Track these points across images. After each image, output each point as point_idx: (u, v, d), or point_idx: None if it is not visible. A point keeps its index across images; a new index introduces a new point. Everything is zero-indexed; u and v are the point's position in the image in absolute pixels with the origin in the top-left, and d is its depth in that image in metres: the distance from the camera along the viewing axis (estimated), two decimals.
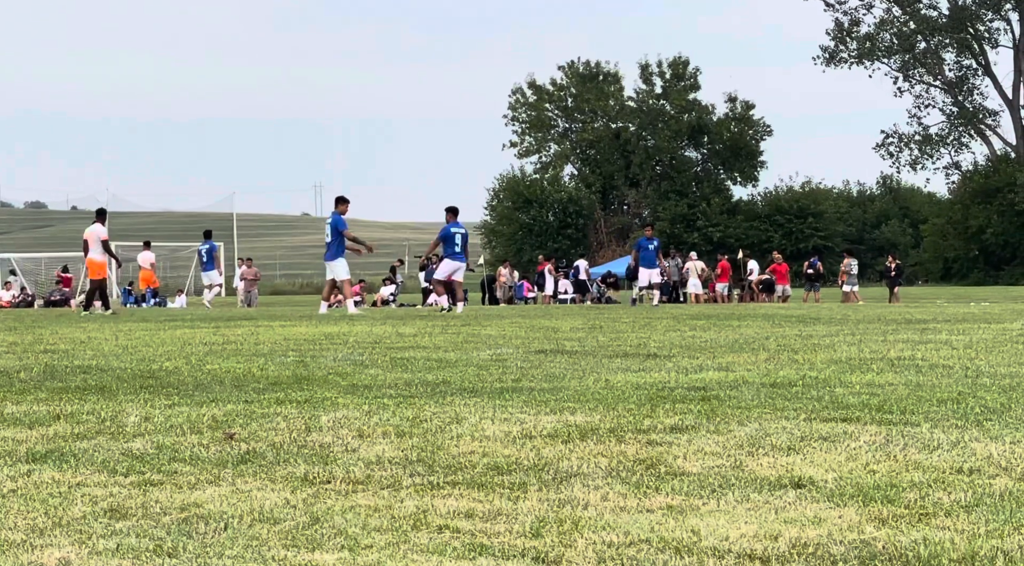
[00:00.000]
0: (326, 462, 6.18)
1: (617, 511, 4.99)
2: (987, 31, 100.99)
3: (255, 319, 25.85)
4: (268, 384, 10.29)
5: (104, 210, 34.57)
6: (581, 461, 6.12)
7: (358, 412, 8.09)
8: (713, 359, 12.75)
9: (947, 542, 4.39)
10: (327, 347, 15.31)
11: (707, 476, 5.70)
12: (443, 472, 5.88)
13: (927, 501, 5.11)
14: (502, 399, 8.87)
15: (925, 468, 5.86)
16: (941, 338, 16.36)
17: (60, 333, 19.78)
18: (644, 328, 19.89)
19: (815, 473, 5.73)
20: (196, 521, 4.84)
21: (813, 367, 11.56)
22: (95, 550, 4.40)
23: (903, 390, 9.34)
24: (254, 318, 26.72)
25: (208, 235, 44.30)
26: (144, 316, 30.49)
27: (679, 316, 26.37)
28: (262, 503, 5.17)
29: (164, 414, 8.13)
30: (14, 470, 6.02)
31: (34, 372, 11.81)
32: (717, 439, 6.79)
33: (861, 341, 15.69)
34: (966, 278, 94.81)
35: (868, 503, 5.07)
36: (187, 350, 14.95)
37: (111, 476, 5.84)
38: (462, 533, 4.62)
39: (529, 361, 12.66)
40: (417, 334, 18.25)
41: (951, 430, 7.09)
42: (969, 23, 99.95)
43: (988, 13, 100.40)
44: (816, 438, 6.79)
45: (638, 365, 12.06)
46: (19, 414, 8.23)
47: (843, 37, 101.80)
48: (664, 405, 8.37)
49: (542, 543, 4.45)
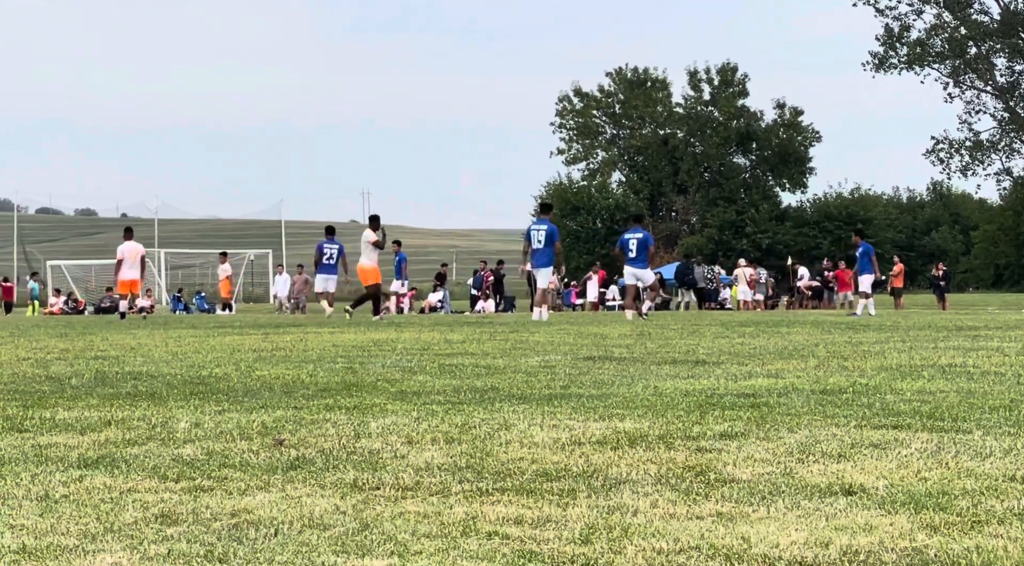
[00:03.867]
0: (375, 468, 6.18)
1: (667, 518, 4.98)
2: None
3: (304, 326, 25.94)
4: (317, 390, 10.32)
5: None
6: (630, 468, 6.11)
7: (407, 418, 8.11)
8: (762, 366, 12.71)
9: (1000, 550, 4.36)
10: (376, 354, 15.34)
11: (757, 483, 5.68)
12: (492, 478, 5.88)
13: (979, 509, 5.08)
14: (551, 405, 8.87)
15: (977, 475, 5.83)
16: (992, 345, 16.26)
17: (110, 339, 19.91)
18: (692, 335, 19.85)
19: (866, 480, 5.70)
20: (246, 527, 4.86)
21: (863, 374, 11.51)
22: (146, 555, 4.42)
23: (954, 397, 9.29)
24: (303, 325, 26.81)
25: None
26: (193, 323, 30.64)
27: (728, 323, 26.31)
28: (312, 509, 5.18)
29: (214, 420, 8.16)
30: (66, 475, 6.06)
31: (85, 378, 11.89)
32: (767, 446, 6.77)
33: (911, 348, 15.61)
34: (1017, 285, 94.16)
35: (920, 511, 5.04)
36: (236, 357, 15.01)
37: (162, 482, 5.87)
38: (511, 539, 4.62)
39: (577, 368, 12.65)
40: (465, 341, 18.27)
41: (1003, 437, 7.04)
42: (1021, 28, 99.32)
43: None
44: (867, 445, 6.76)
45: (687, 372, 12.03)
46: (71, 420, 8.28)
47: (893, 43, 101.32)
48: (713, 412, 8.35)
49: (591, 550, 4.44)
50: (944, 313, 38.35)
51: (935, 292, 50.92)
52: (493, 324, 26.60)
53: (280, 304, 55.78)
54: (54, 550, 4.51)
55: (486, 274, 56.13)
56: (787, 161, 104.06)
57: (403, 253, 42.79)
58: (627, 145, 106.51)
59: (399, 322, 29.65)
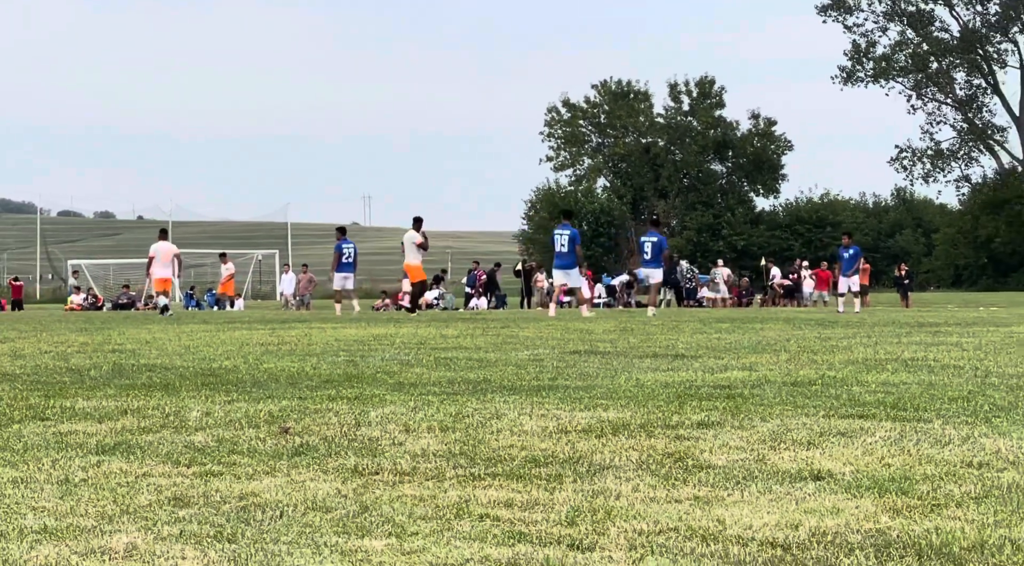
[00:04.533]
0: (375, 455, 6.18)
1: (647, 501, 4.98)
2: (996, 52, 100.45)
3: (308, 321, 25.91)
4: (320, 382, 10.31)
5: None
6: (613, 454, 6.12)
7: (404, 408, 8.10)
8: (737, 359, 12.71)
9: (958, 531, 4.36)
10: (375, 348, 15.33)
11: (732, 469, 5.69)
12: (484, 464, 5.88)
13: (939, 493, 5.09)
14: (539, 396, 8.87)
15: (937, 462, 5.83)
16: (952, 340, 16.28)
17: (127, 334, 19.89)
18: (672, 331, 19.85)
19: (833, 466, 5.71)
20: (254, 509, 4.86)
21: (832, 367, 11.52)
22: (160, 536, 4.42)
23: (916, 389, 9.30)
24: (307, 320, 26.79)
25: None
26: (205, 318, 30.61)
27: (705, 319, 26.31)
28: (315, 493, 5.17)
29: (224, 409, 8.16)
30: (85, 461, 6.05)
31: (103, 370, 11.87)
32: (741, 434, 6.77)
33: (877, 343, 15.63)
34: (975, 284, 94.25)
35: (883, 495, 5.04)
36: (245, 350, 15.00)
37: (175, 467, 5.87)
38: (502, 521, 4.62)
39: (564, 361, 12.65)
40: (459, 335, 18.26)
41: (962, 426, 7.05)
42: (979, 45, 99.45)
43: (997, 35, 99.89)
44: (834, 434, 6.77)
45: (667, 365, 12.03)
46: (89, 409, 8.28)
47: (860, 58, 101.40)
48: (691, 402, 8.35)
49: (577, 531, 4.44)
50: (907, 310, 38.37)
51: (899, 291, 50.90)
52: (486, 320, 26.59)
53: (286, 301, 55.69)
54: (73, 530, 4.50)
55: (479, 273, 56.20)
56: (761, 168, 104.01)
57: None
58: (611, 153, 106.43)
59: (398, 318, 29.63)
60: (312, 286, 55.85)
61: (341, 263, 35.89)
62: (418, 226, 32.23)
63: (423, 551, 4.17)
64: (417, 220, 32.41)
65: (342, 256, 35.95)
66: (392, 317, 31.06)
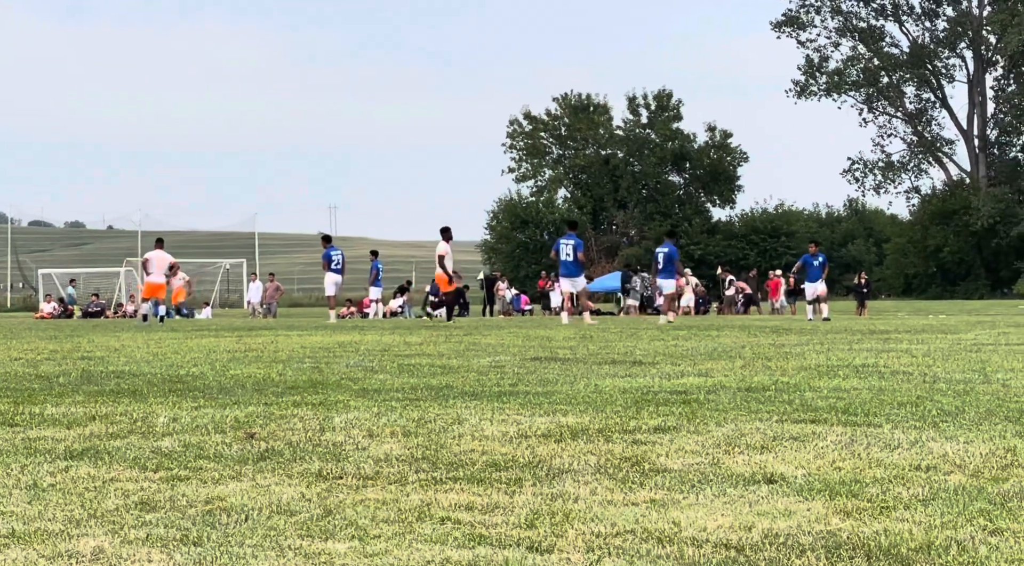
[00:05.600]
0: (338, 459, 6.17)
1: (605, 504, 4.98)
2: (944, 67, 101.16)
3: (274, 329, 25.83)
4: (286, 388, 10.28)
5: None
6: (572, 459, 6.12)
7: (368, 414, 8.09)
8: (693, 366, 12.74)
9: (906, 533, 4.38)
10: (340, 354, 15.29)
11: (687, 473, 5.70)
12: (446, 468, 5.87)
13: (888, 495, 5.11)
14: (500, 402, 8.86)
15: (886, 465, 5.86)
16: (902, 347, 16.36)
17: (96, 341, 19.77)
18: (631, 338, 19.88)
19: (786, 470, 5.73)
20: (219, 513, 4.84)
21: (785, 373, 11.55)
22: (127, 539, 4.40)
23: (867, 394, 9.34)
24: (273, 328, 26.71)
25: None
26: (172, 326, 30.47)
27: (663, 327, 26.36)
28: (279, 497, 5.16)
29: (190, 415, 8.12)
30: (53, 466, 6.01)
31: (72, 377, 11.80)
32: (697, 439, 6.79)
33: (829, 350, 15.69)
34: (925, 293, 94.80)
35: (834, 497, 5.06)
36: (212, 357, 14.94)
37: (142, 472, 5.84)
38: (463, 524, 4.61)
39: (525, 367, 12.65)
40: (423, 343, 18.23)
41: (910, 431, 7.08)
42: (928, 60, 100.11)
43: (945, 51, 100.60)
44: (787, 438, 6.79)
45: (625, 371, 12.05)
46: (58, 415, 8.23)
47: (813, 72, 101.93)
48: (648, 408, 8.36)
49: (536, 533, 4.44)
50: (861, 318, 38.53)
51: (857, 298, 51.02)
52: (449, 328, 26.57)
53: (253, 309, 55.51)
54: (41, 534, 4.47)
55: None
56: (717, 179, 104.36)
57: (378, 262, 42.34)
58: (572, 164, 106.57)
59: (362, 326, 29.57)
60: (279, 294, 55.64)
61: (331, 269, 35.80)
62: (447, 236, 31.42)
63: (385, 554, 4.16)
64: (445, 230, 31.44)
65: (332, 263, 35.85)
66: (356, 325, 30.99)
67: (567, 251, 29.91)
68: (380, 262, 42.20)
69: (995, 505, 4.88)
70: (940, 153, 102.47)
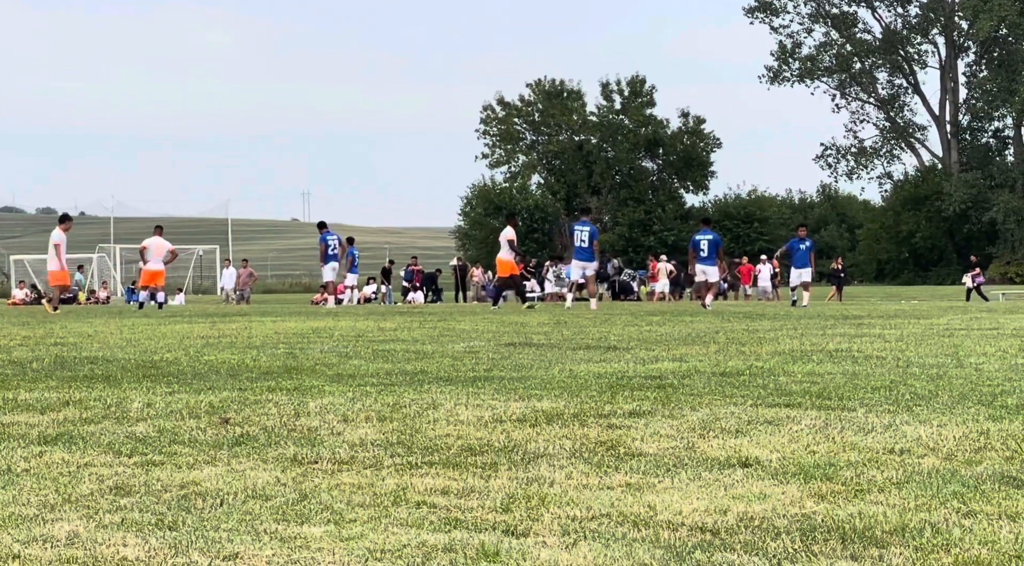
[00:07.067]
0: (313, 444, 6.16)
1: (580, 488, 4.99)
2: (916, 53, 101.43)
3: (248, 315, 25.77)
4: (260, 373, 10.26)
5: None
6: (547, 443, 6.12)
7: (343, 399, 8.08)
8: (668, 351, 12.76)
9: (880, 515, 4.40)
10: (314, 340, 15.27)
11: (662, 457, 5.71)
12: (421, 453, 5.87)
13: (862, 479, 5.13)
14: (475, 387, 8.86)
15: (860, 449, 5.88)
16: (875, 332, 16.42)
17: (69, 327, 19.69)
18: (605, 323, 19.90)
19: (760, 454, 5.74)
20: (194, 498, 4.83)
21: (759, 358, 11.59)
22: (102, 524, 4.38)
23: (840, 379, 9.37)
24: (247, 314, 26.64)
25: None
26: (146, 312, 30.37)
27: (637, 312, 26.40)
28: (255, 481, 5.15)
29: (165, 401, 8.10)
30: (27, 451, 5.99)
31: (45, 363, 11.76)
32: (671, 423, 6.80)
33: (803, 335, 15.74)
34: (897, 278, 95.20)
35: (809, 481, 5.08)
36: (186, 343, 14.90)
37: (116, 457, 5.82)
38: (438, 508, 4.61)
39: (500, 353, 12.65)
40: (397, 328, 18.22)
41: (884, 415, 7.11)
42: (900, 46, 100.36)
43: (917, 37, 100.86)
44: (761, 422, 6.81)
45: (599, 356, 12.06)
46: (31, 401, 8.19)
47: (786, 58, 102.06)
48: (623, 392, 8.38)
49: (512, 517, 4.45)
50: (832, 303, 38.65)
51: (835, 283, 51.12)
52: (423, 313, 26.55)
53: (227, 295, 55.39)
54: (15, 519, 4.46)
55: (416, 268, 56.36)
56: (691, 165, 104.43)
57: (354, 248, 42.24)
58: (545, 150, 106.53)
59: (336, 312, 29.52)
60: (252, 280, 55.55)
61: (327, 255, 35.81)
62: (514, 222, 32.10)
63: (361, 538, 4.16)
64: (511, 215, 32.27)
65: (328, 248, 35.84)
66: (331, 310, 30.93)
67: (581, 237, 30.67)
68: (356, 249, 42.10)
69: (968, 488, 4.90)
70: (912, 139, 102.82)
